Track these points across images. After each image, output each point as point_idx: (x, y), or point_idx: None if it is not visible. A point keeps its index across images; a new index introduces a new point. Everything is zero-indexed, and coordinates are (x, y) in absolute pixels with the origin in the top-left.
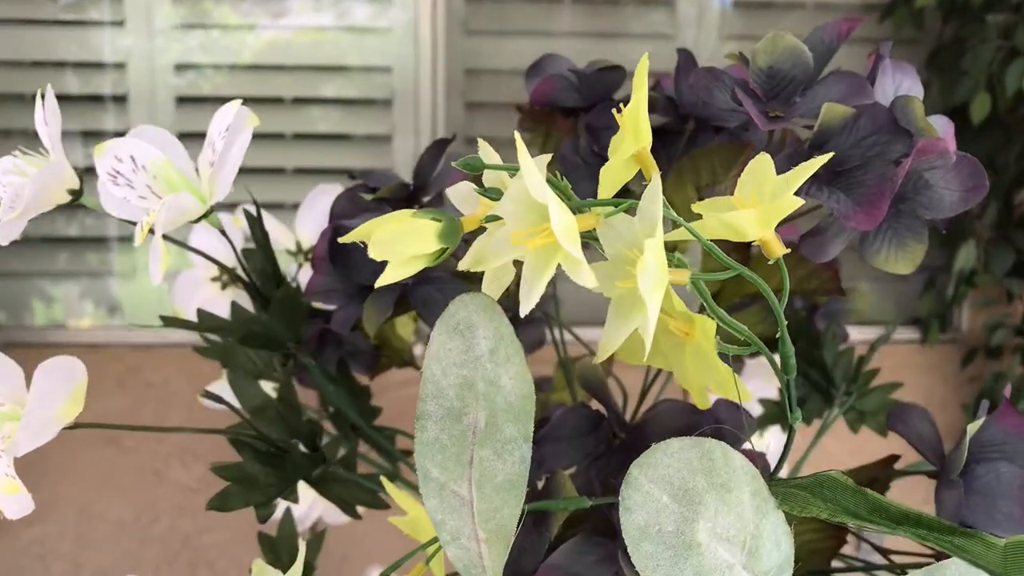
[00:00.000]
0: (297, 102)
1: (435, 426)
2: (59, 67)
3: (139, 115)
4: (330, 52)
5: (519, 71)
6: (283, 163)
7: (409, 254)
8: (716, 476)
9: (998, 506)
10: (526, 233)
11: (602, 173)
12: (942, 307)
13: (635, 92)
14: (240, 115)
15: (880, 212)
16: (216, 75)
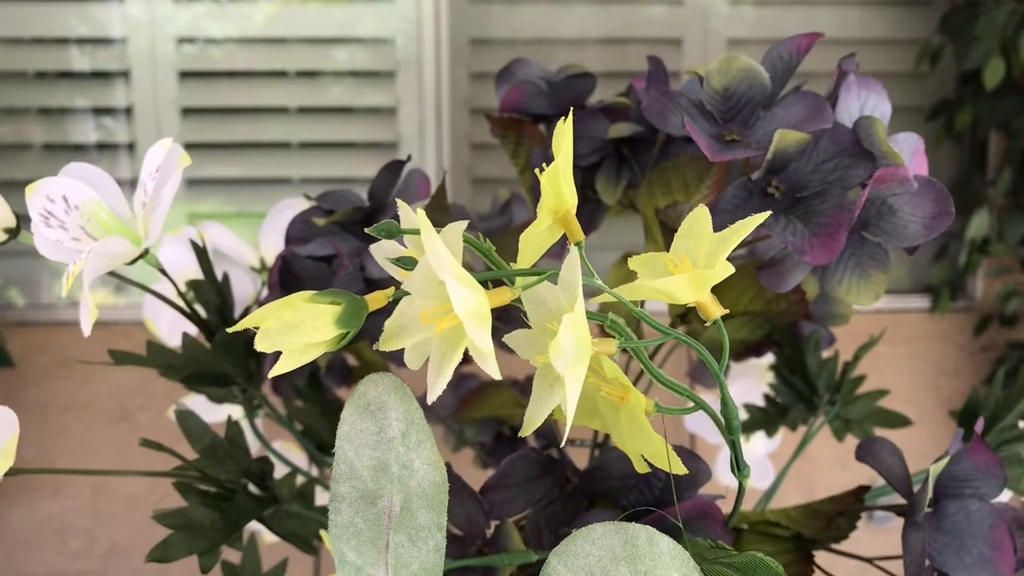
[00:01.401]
0: (301, 75)
1: (350, 509)
2: (61, 43)
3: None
4: (333, 24)
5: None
6: (288, 137)
7: (304, 343)
8: (640, 564)
9: (968, 546)
10: (434, 312)
11: (522, 240)
12: (955, 275)
13: (556, 154)
14: (171, 155)
15: (837, 245)
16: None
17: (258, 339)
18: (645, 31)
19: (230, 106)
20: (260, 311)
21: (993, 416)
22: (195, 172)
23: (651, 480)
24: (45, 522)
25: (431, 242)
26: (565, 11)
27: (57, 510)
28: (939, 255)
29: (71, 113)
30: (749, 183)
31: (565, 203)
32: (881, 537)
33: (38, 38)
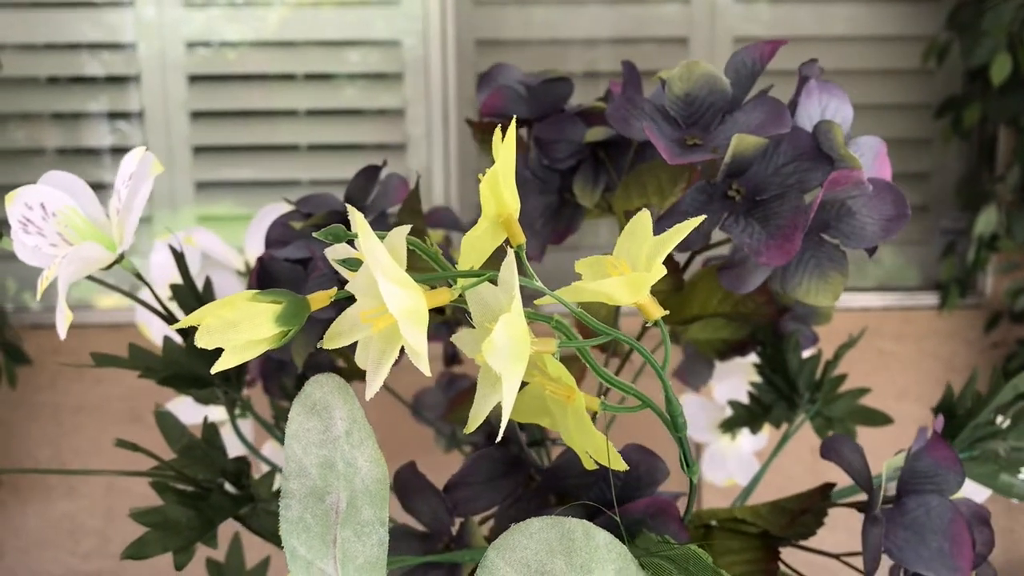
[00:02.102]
0: (310, 78)
1: (299, 505)
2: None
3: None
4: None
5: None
6: (297, 139)
7: (244, 340)
8: (576, 557)
9: (927, 541)
10: (372, 312)
11: (464, 241)
12: (963, 272)
13: (498, 157)
14: (144, 163)
15: (793, 247)
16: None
17: (198, 336)
18: (653, 30)
19: (239, 109)
20: (201, 309)
21: (969, 413)
22: (205, 175)
23: (608, 478)
24: (58, 522)
25: (368, 244)
26: (571, 12)
27: (70, 510)
28: (947, 252)
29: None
30: (708, 186)
31: (507, 207)
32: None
33: (50, 44)
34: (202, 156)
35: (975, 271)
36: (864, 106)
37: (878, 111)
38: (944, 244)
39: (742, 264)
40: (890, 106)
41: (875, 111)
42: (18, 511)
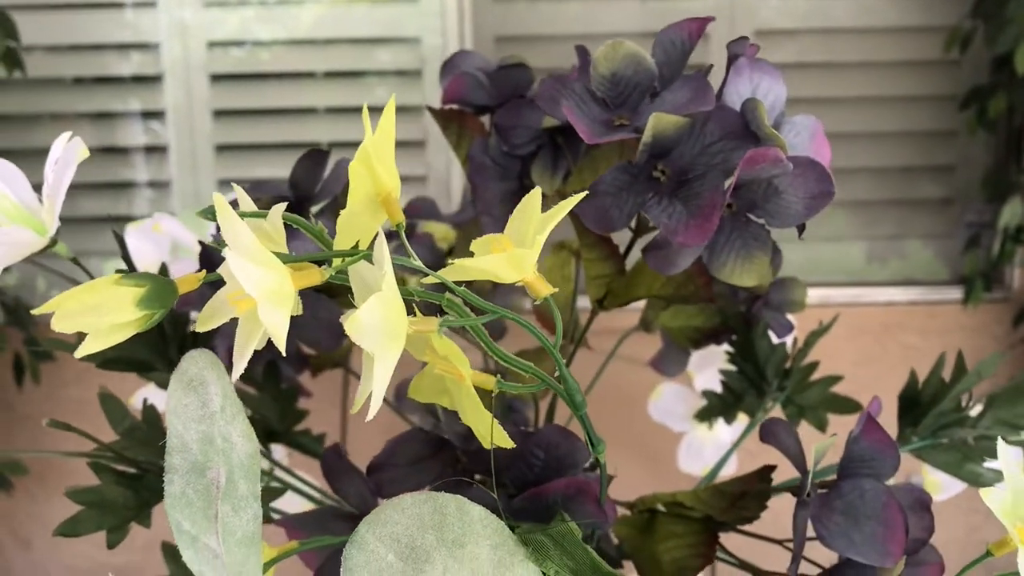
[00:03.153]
0: (329, 75)
1: (181, 480)
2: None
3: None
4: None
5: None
6: (317, 138)
7: (107, 324)
8: (448, 532)
9: (860, 525)
10: (239, 293)
11: (340, 222)
12: (988, 266)
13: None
14: (70, 149)
15: (710, 226)
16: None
17: (55, 320)
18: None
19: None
20: (64, 294)
21: (932, 400)
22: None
23: (530, 460)
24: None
25: (227, 223)
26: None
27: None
28: (970, 245)
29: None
30: (631, 166)
31: (384, 185)
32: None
33: (76, 44)
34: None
35: (1000, 264)
36: (886, 98)
37: (901, 103)
38: (967, 237)
39: (668, 245)
40: (913, 98)
41: (898, 103)
42: (45, 503)
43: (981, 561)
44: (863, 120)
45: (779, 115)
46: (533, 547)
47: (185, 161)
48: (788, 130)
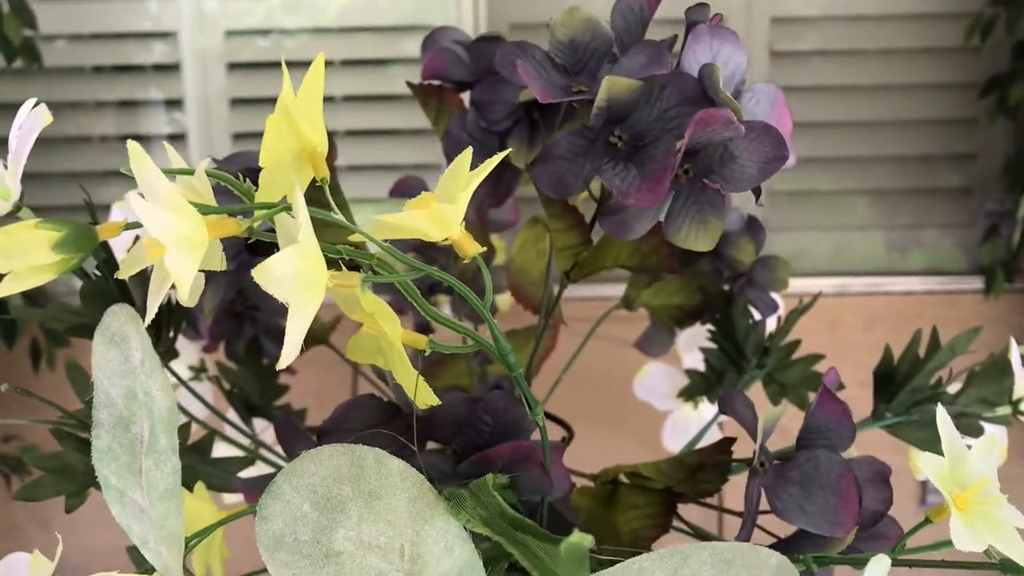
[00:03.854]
0: (346, 64)
1: (107, 435)
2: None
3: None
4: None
5: None
6: (334, 126)
7: (25, 266)
8: (364, 484)
9: (813, 496)
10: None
11: (261, 176)
12: (1008, 255)
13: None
14: (34, 115)
15: (661, 189)
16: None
17: None
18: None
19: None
20: None
21: (906, 377)
22: None
23: (478, 426)
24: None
25: (141, 170)
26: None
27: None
28: (989, 234)
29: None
30: (585, 131)
31: (308, 141)
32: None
33: (96, 33)
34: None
35: (1020, 254)
36: (906, 86)
37: (921, 91)
38: (986, 226)
39: (623, 210)
40: (933, 86)
41: (918, 91)
42: None
43: (922, 527)
44: (882, 108)
45: (739, 82)
46: (452, 501)
47: (204, 148)
48: (748, 98)
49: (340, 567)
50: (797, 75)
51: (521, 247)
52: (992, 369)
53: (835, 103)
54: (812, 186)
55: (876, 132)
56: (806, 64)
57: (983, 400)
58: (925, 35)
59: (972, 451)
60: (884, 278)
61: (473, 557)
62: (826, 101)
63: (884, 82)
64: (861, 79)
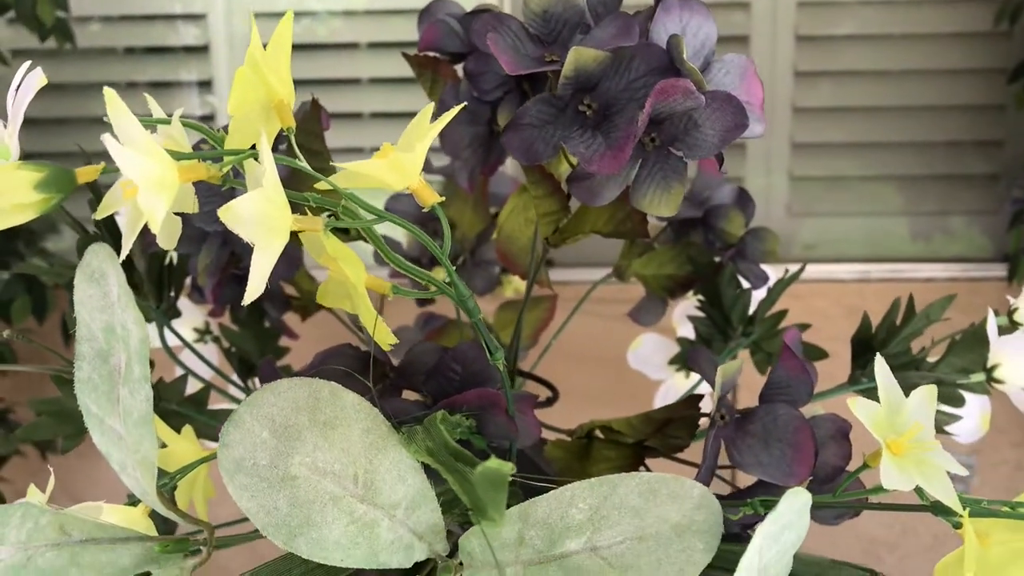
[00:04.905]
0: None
1: (88, 366)
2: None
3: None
4: None
5: None
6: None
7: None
8: (320, 414)
9: (770, 447)
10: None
11: (231, 124)
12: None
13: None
14: (30, 77)
15: (624, 156)
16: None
17: None
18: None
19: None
20: None
21: (883, 343)
22: None
23: (448, 374)
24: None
25: (117, 116)
26: None
27: None
28: (1015, 221)
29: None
30: (553, 99)
31: (276, 93)
32: None
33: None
34: None
35: None
36: (934, 72)
37: (947, 76)
38: (1012, 213)
39: (592, 177)
40: (962, 71)
41: (944, 76)
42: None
43: (859, 472)
44: (909, 94)
45: (709, 53)
46: (405, 434)
47: None
48: (718, 69)
49: (296, 490)
50: (824, 60)
51: (509, 215)
52: (971, 339)
53: (862, 88)
54: (838, 172)
55: (903, 118)
56: (833, 49)
57: (961, 369)
58: (954, 20)
59: (909, 400)
60: (906, 264)
61: (425, 487)
62: (853, 86)
63: (911, 67)
64: (889, 64)
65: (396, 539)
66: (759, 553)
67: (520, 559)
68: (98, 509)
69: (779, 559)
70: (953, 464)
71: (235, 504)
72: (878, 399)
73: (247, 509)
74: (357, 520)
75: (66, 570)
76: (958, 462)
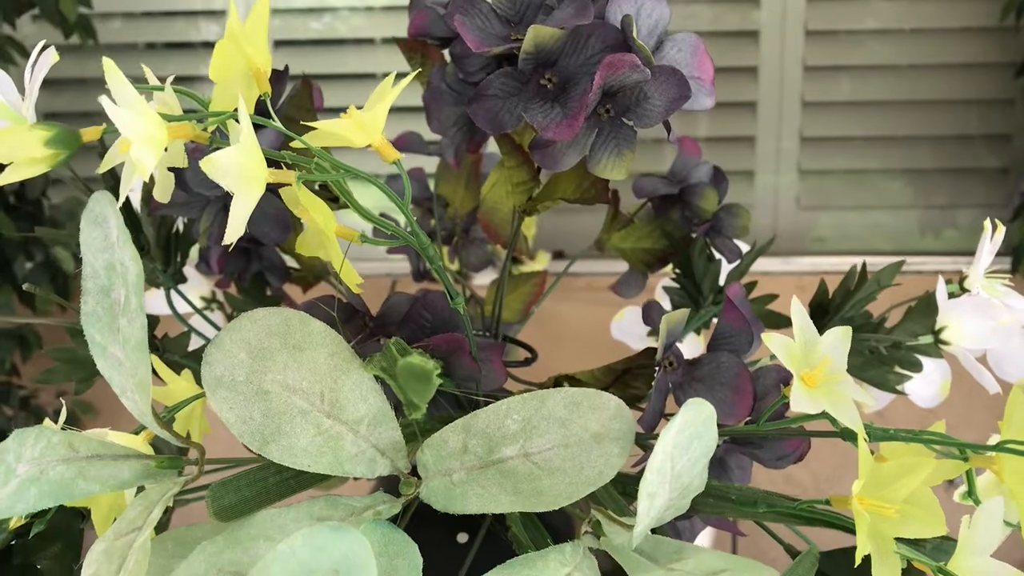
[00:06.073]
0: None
1: (93, 300)
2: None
3: None
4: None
5: None
6: None
7: (24, 158)
8: (290, 338)
9: (713, 391)
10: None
11: (215, 90)
12: None
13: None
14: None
15: (576, 124)
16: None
17: None
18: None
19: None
20: None
21: (838, 307)
22: None
23: (419, 320)
24: None
25: (113, 80)
26: None
27: None
28: (1017, 213)
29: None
30: (516, 73)
31: (254, 63)
32: None
33: (148, 11)
34: None
35: None
36: (941, 66)
37: (956, 71)
38: (1015, 206)
39: (553, 144)
40: (969, 65)
41: (953, 71)
42: None
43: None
44: (918, 88)
45: (662, 32)
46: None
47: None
48: (670, 47)
49: (268, 403)
50: (833, 55)
51: (492, 187)
52: (924, 305)
53: (871, 83)
54: (848, 166)
55: (912, 112)
56: (842, 44)
57: (914, 333)
58: (962, 14)
59: (823, 338)
60: (916, 257)
61: (385, 407)
62: (862, 81)
63: (920, 62)
64: (897, 59)
65: (360, 452)
66: (670, 459)
67: (464, 465)
68: (104, 434)
69: (691, 467)
70: (861, 394)
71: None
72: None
73: (226, 419)
74: (324, 432)
75: (74, 482)
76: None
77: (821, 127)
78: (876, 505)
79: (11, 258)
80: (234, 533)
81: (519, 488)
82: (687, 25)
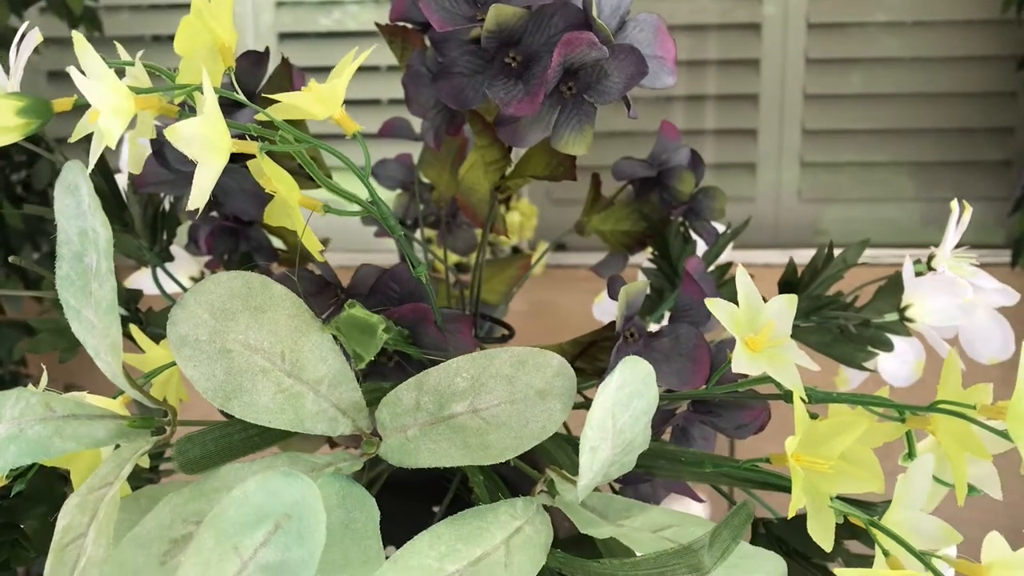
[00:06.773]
0: None
1: (67, 265)
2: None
3: None
4: None
5: None
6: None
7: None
8: (252, 300)
9: (672, 361)
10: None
11: (181, 64)
12: None
13: None
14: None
15: (537, 100)
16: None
17: None
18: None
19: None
20: None
21: (806, 285)
22: None
23: (387, 291)
24: None
25: (83, 54)
26: None
27: None
28: (1017, 206)
29: None
30: (480, 51)
31: (220, 38)
32: None
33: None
34: None
35: None
36: (943, 59)
37: (958, 64)
38: (1015, 199)
39: (516, 120)
40: (971, 58)
41: (955, 64)
42: None
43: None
44: (921, 81)
45: (624, 13)
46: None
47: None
48: (633, 26)
49: (231, 362)
50: (835, 48)
51: (470, 169)
52: (894, 284)
53: (873, 76)
54: (849, 158)
55: (914, 105)
56: (844, 36)
57: (881, 311)
58: (964, 7)
59: (768, 305)
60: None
61: (344, 368)
62: (864, 73)
63: (922, 55)
64: (900, 52)
65: (320, 411)
66: (611, 416)
67: (417, 422)
68: (82, 397)
69: (633, 424)
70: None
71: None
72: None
73: (191, 376)
74: (284, 391)
75: (51, 440)
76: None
77: (823, 120)
78: (811, 461)
79: (17, 248)
80: (199, 486)
81: (468, 442)
82: (695, 20)
